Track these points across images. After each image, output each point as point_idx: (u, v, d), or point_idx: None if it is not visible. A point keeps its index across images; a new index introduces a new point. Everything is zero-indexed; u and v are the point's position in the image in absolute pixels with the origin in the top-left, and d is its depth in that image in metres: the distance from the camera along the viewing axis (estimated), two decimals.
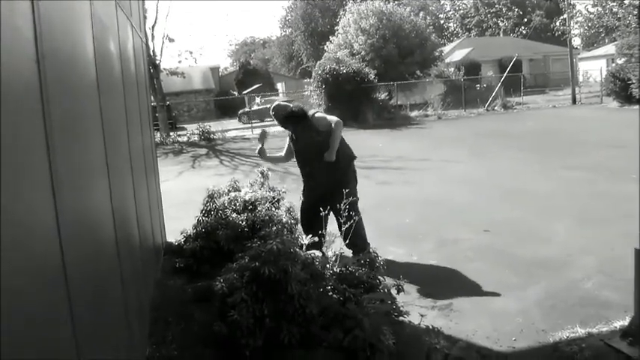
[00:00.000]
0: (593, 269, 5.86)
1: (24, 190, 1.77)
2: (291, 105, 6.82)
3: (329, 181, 6.36)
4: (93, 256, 2.74)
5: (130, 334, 3.51)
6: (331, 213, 5.89)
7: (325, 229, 5.78)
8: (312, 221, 6.08)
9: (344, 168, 6.52)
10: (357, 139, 14.89)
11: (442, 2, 75.46)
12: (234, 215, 6.53)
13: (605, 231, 7.08)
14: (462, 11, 75.46)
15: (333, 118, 6.62)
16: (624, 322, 4.48)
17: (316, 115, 6.62)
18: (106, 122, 3.39)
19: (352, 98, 26.04)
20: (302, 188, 6.82)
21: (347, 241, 5.52)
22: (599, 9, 41.17)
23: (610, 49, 41.92)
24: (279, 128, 7.80)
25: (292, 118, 6.61)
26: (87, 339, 2.29)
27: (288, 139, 6.94)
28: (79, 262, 2.31)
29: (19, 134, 1.75)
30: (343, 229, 5.42)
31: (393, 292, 4.90)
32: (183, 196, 10.81)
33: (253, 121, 31.46)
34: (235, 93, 48.32)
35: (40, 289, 1.82)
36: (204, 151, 21.87)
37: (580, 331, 4.48)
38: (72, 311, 2.10)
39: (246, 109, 35.03)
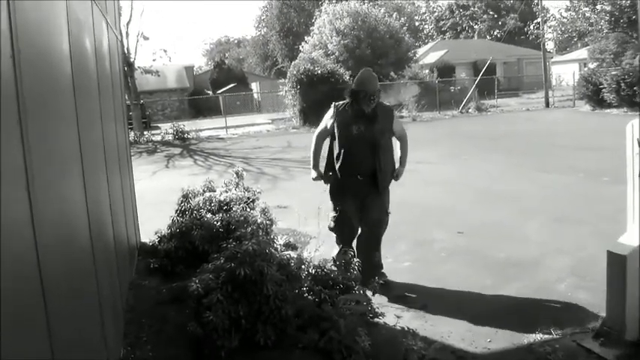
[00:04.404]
0: (567, 270, 5.93)
1: None
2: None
3: (369, 188, 5.65)
4: (68, 255, 2.70)
5: (104, 335, 3.46)
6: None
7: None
8: (350, 227, 5.75)
9: (387, 181, 5.84)
10: None
11: (417, 4, 75.75)
12: (209, 215, 6.49)
13: (578, 232, 7.17)
14: (436, 13, 75.91)
15: (403, 127, 6.00)
16: (596, 323, 4.54)
17: (395, 112, 6.03)
18: (80, 119, 3.34)
19: (327, 99, 25.87)
20: (332, 190, 5.81)
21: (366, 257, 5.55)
22: (573, 14, 41.95)
23: (582, 53, 42.61)
24: (257, 128, 7.69)
25: (377, 98, 5.57)
26: (61, 339, 2.25)
27: (332, 119, 5.70)
28: (53, 261, 2.27)
29: None
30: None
31: (369, 293, 4.92)
32: (157, 196, 10.69)
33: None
34: (210, 92, 48.09)
35: (15, 288, 1.77)
36: (178, 150, 21.67)
37: (554, 332, 4.53)
38: (47, 311, 2.07)
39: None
